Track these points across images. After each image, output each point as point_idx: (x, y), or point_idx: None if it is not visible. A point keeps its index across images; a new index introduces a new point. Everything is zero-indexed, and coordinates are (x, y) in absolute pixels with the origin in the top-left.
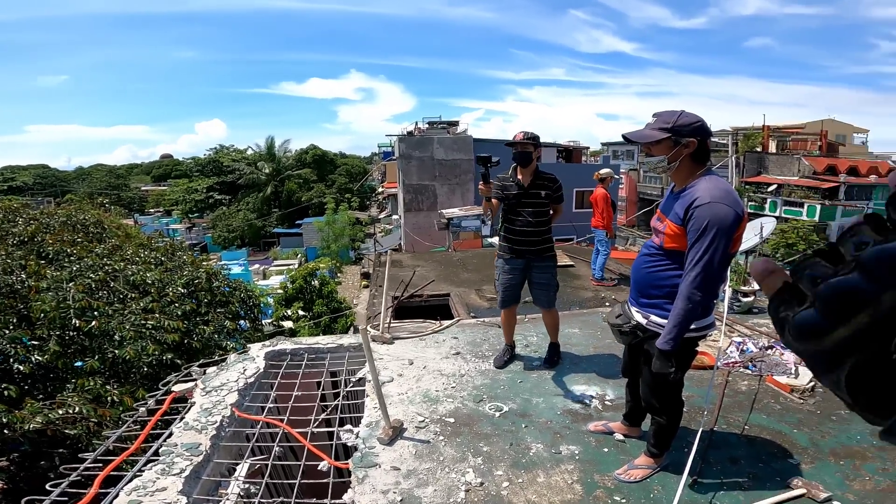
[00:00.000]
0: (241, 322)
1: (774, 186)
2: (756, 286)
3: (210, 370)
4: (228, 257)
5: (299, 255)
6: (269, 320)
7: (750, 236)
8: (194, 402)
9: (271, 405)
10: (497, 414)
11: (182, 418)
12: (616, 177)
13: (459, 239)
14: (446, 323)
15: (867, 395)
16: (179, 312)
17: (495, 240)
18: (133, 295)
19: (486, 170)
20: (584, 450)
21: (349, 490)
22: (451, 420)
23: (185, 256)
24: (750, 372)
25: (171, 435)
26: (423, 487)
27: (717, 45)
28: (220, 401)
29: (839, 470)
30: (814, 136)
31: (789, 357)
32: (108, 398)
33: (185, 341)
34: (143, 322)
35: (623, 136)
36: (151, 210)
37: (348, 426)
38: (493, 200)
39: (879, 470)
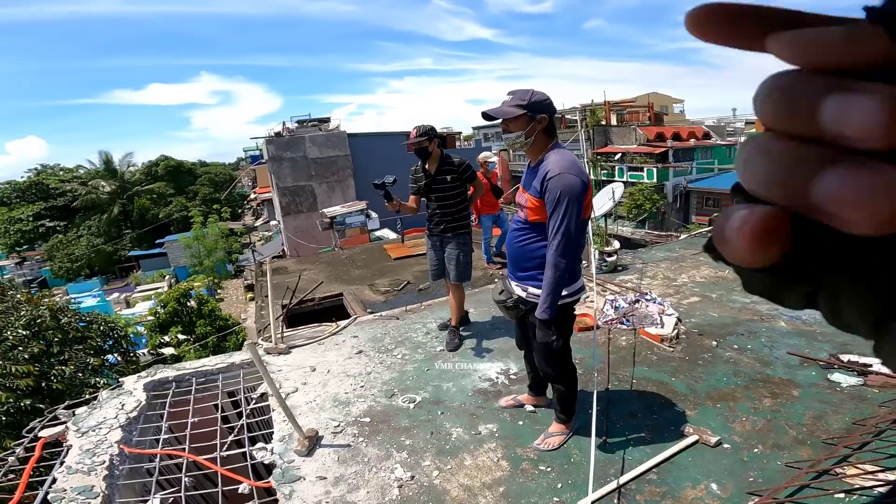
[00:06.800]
0: (110, 356)
1: (619, 155)
2: (617, 245)
3: (80, 410)
4: (77, 289)
5: (167, 277)
6: (145, 350)
7: (605, 201)
8: (71, 446)
9: (167, 436)
10: (411, 406)
11: (62, 462)
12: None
13: (346, 236)
14: (343, 323)
15: None
16: (27, 356)
17: (384, 232)
18: None
19: (384, 191)
20: (501, 426)
21: None
22: (367, 419)
23: (18, 295)
24: (626, 327)
25: (55, 481)
26: (354, 492)
27: (562, 28)
28: (102, 440)
29: (718, 413)
30: (643, 108)
31: (654, 309)
32: None
33: (43, 384)
34: None
35: (483, 114)
36: None
37: (260, 444)
38: (411, 197)
39: (751, 410)
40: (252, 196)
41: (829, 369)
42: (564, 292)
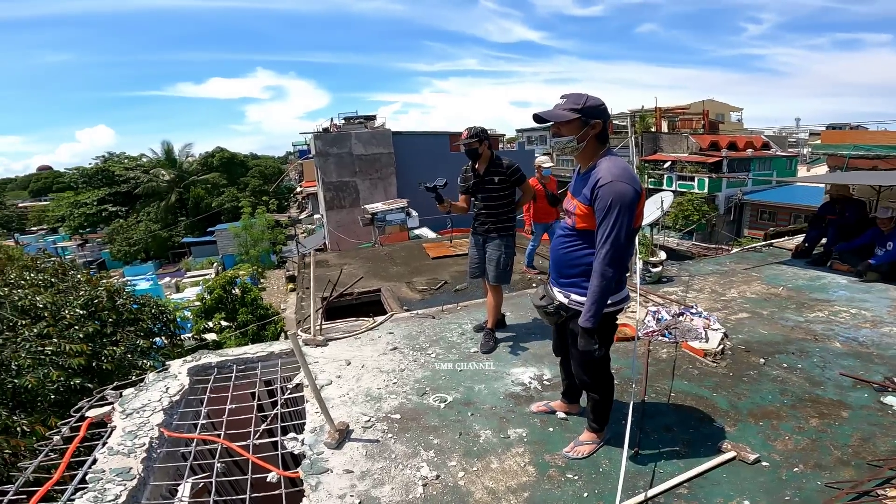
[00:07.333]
0: (157, 339)
1: (669, 163)
2: (663, 256)
3: (127, 392)
4: (132, 272)
5: (215, 264)
6: (190, 334)
7: (652, 210)
8: (115, 427)
9: (204, 421)
10: (442, 405)
11: (104, 443)
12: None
13: (385, 233)
14: (380, 319)
15: None
16: (81, 335)
17: (423, 231)
18: (24, 321)
19: (436, 194)
20: (530, 431)
21: (304, 499)
22: (398, 416)
23: (79, 276)
24: (667, 340)
25: (95, 461)
26: (379, 487)
27: (612, 32)
28: (144, 422)
29: (760, 430)
30: (697, 116)
31: (699, 322)
32: (18, 428)
33: (94, 364)
34: (40, 348)
35: (534, 116)
36: (34, 228)
37: (292, 434)
38: (461, 197)
39: (796, 429)
40: (298, 189)
41: (883, 392)
42: (609, 301)
